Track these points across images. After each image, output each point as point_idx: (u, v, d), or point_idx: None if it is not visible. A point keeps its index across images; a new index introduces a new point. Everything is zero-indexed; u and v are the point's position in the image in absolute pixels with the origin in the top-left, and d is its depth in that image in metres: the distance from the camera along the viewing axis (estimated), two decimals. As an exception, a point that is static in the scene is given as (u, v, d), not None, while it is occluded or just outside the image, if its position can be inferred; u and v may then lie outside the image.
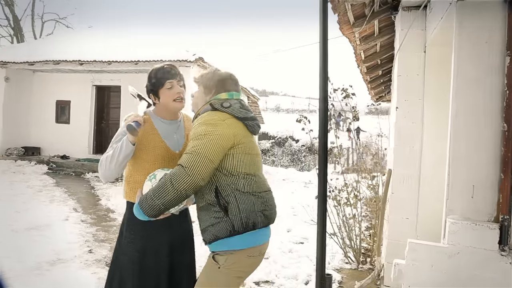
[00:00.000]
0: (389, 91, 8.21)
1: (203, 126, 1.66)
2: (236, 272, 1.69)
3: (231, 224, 1.63)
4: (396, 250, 2.93)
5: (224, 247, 1.66)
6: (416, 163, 2.87)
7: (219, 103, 1.77)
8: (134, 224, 1.86)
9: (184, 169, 1.55)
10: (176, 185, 1.54)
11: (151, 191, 1.59)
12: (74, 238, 4.45)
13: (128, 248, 1.88)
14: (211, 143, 1.61)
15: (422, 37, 2.83)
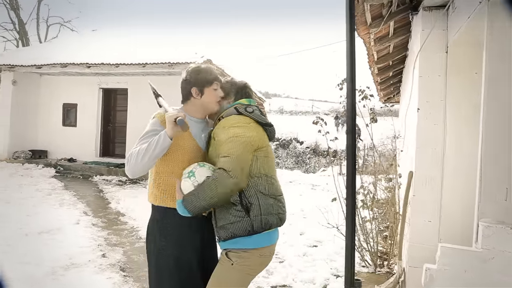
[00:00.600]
0: (398, 92, 8.17)
1: (233, 128, 1.75)
2: (248, 269, 1.75)
3: (250, 224, 1.70)
4: (418, 253, 2.88)
5: (238, 245, 1.73)
6: (438, 165, 2.82)
7: (243, 107, 1.87)
8: (167, 230, 1.84)
9: (228, 173, 1.62)
10: (221, 189, 1.62)
11: (196, 192, 1.64)
12: (86, 242, 4.41)
13: (161, 256, 1.84)
14: (245, 145, 1.71)
15: (444, 37, 2.79)
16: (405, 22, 3.92)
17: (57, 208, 6.02)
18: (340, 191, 3.75)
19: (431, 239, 2.83)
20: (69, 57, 9.64)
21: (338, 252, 4.22)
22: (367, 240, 3.79)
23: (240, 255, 1.73)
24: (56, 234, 4.65)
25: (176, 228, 1.84)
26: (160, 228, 1.85)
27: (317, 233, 4.90)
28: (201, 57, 8.14)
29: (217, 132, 1.82)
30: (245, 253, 1.73)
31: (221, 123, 1.84)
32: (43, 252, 3.96)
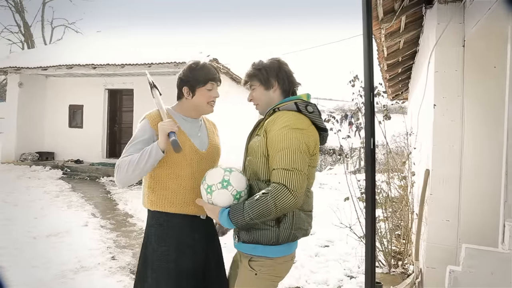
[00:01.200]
0: (407, 89, 8.07)
1: (292, 131, 1.52)
2: (273, 278, 1.65)
3: (277, 235, 1.57)
4: (436, 254, 2.80)
5: (259, 252, 1.61)
6: (456, 163, 2.73)
7: (304, 105, 1.63)
8: (167, 235, 1.77)
9: (289, 190, 1.45)
10: (280, 207, 1.45)
11: (248, 209, 1.47)
12: (95, 245, 4.37)
13: (161, 262, 1.76)
14: (304, 156, 1.51)
15: (461, 31, 2.70)
16: (416, 17, 3.84)
17: (65, 210, 5.99)
18: (352, 190, 3.67)
19: (450, 239, 2.75)
20: (74, 58, 9.63)
21: (350, 252, 4.14)
22: (381, 240, 3.70)
23: (263, 263, 1.61)
24: (64, 236, 4.62)
25: (177, 232, 1.78)
26: (159, 233, 1.78)
27: (328, 233, 4.83)
28: (206, 56, 8.08)
29: (271, 127, 1.57)
30: (268, 261, 1.61)
31: (279, 118, 1.57)
32: (52, 255, 3.92)
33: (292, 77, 1.75)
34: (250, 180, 1.64)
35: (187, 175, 1.77)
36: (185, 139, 1.79)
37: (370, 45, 1.89)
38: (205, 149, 1.86)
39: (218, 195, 1.55)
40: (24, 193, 7.02)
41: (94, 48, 10.33)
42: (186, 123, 1.83)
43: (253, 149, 1.63)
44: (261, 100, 1.74)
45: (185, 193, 1.77)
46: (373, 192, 1.91)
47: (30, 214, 5.56)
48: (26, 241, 4.35)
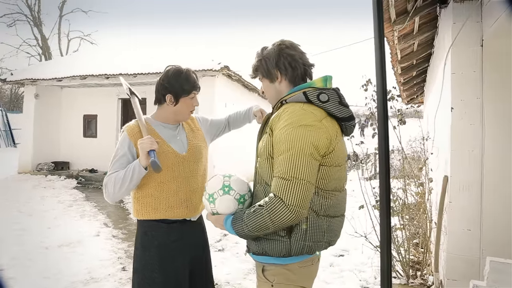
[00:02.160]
0: (422, 92, 7.87)
1: (295, 129, 1.30)
2: (291, 287, 1.42)
3: (288, 248, 1.36)
4: (457, 265, 2.65)
5: (271, 260, 1.42)
6: (477, 168, 2.59)
7: (315, 94, 1.38)
8: (153, 243, 1.77)
9: (283, 201, 1.26)
10: (276, 221, 1.28)
11: (246, 220, 1.33)
12: (106, 255, 4.34)
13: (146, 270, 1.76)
14: (308, 160, 1.28)
15: (478, 30, 2.57)
16: (430, 18, 3.71)
17: (77, 220, 6.01)
18: (367, 198, 3.54)
19: (472, 250, 2.60)
20: (88, 69, 9.77)
21: (366, 262, 3.99)
22: (398, 249, 3.55)
23: (277, 271, 1.41)
24: (76, 247, 4.60)
25: (161, 241, 1.77)
26: (144, 242, 1.79)
27: (343, 242, 4.67)
28: (218, 63, 8.07)
29: (275, 124, 1.38)
30: (281, 269, 1.40)
31: (283, 114, 1.37)
32: (63, 266, 3.90)
33: (296, 62, 1.48)
34: (259, 184, 1.46)
35: (169, 179, 1.78)
36: (164, 145, 1.79)
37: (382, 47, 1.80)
38: (185, 151, 1.86)
39: (221, 202, 1.43)
40: (39, 203, 7.09)
41: (108, 58, 10.47)
42: (164, 129, 1.86)
43: (260, 150, 1.45)
44: (269, 93, 1.55)
45: (168, 197, 1.77)
46: (388, 199, 1.80)
47: (43, 224, 5.59)
48: (39, 251, 4.35)
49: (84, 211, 6.67)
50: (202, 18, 30.61)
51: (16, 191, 8.10)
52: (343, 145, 1.49)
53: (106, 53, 11.33)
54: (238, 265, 4.03)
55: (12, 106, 25.13)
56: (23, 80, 10.40)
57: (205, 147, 1.98)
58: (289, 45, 1.51)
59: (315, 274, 1.53)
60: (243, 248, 1.59)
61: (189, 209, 1.82)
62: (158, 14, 47.52)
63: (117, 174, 1.69)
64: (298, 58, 1.49)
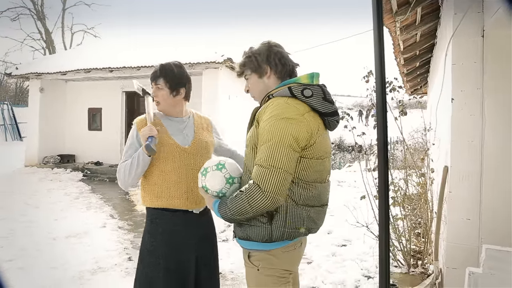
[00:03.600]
0: (426, 83, 7.85)
1: (278, 122, 1.39)
2: (276, 271, 1.52)
3: (270, 233, 1.45)
4: (456, 254, 2.69)
5: (255, 246, 1.51)
6: (476, 159, 2.61)
7: (300, 89, 1.47)
8: (157, 230, 1.85)
9: (260, 188, 1.35)
10: (254, 206, 1.37)
11: (230, 205, 1.42)
12: (112, 246, 4.43)
13: (151, 256, 1.84)
14: (287, 150, 1.37)
15: (479, 20, 2.57)
16: (433, 8, 3.71)
17: (84, 212, 6.10)
18: (369, 188, 3.58)
19: (471, 239, 2.63)
20: (92, 62, 9.81)
21: (368, 252, 4.05)
22: (399, 238, 3.60)
23: (261, 257, 1.51)
24: (83, 237, 4.69)
25: (166, 228, 1.85)
26: (150, 229, 1.88)
27: (345, 232, 4.74)
28: (221, 56, 8.08)
29: (261, 117, 1.47)
30: (266, 254, 1.50)
31: (268, 107, 1.46)
32: (70, 256, 3.99)
33: (285, 59, 1.60)
34: (245, 173, 1.56)
35: (170, 170, 1.86)
36: (166, 137, 1.89)
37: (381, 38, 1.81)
38: (189, 144, 1.93)
39: (211, 176, 1.54)
40: (46, 195, 7.20)
41: (111, 51, 10.50)
42: (171, 122, 1.96)
43: (247, 141, 1.56)
44: (257, 89, 1.63)
45: (169, 187, 1.85)
46: (386, 189, 1.83)
47: (50, 216, 5.69)
48: (46, 242, 4.45)
49: (90, 203, 6.77)
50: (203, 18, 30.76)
51: (23, 183, 8.22)
52: (326, 139, 1.56)
53: (109, 47, 11.35)
54: (242, 255, 4.10)
55: (17, 100, 25.30)
56: (28, 74, 10.47)
57: (212, 144, 2.05)
58: (277, 44, 1.62)
59: (298, 258, 1.64)
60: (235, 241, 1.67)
61: (189, 200, 1.87)
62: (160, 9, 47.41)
63: (127, 162, 1.83)
64: (286, 56, 1.60)
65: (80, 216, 5.76)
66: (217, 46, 9.30)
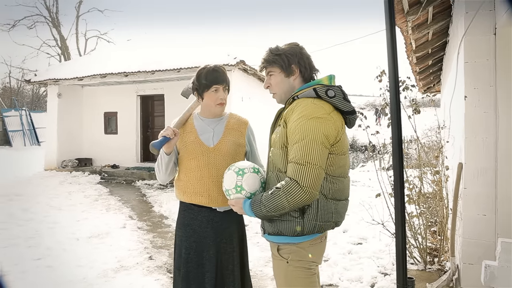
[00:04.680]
0: (439, 81, 7.81)
1: (309, 121, 1.47)
2: (305, 263, 1.60)
3: (302, 227, 1.53)
4: (473, 249, 2.72)
5: (285, 240, 1.59)
6: (491, 155, 2.65)
7: (324, 90, 1.56)
8: (184, 222, 2.00)
9: (298, 184, 1.43)
10: (292, 201, 1.45)
11: (264, 202, 1.50)
12: (133, 245, 4.56)
13: (178, 248, 2.00)
14: (320, 148, 1.46)
15: (491, 18, 2.61)
16: (444, 7, 3.74)
17: (104, 213, 6.27)
18: (384, 186, 3.63)
19: (487, 234, 2.67)
20: (107, 67, 10.03)
21: (384, 249, 4.09)
22: (415, 236, 3.63)
23: (291, 249, 1.58)
24: (104, 238, 4.84)
25: (191, 221, 1.97)
26: (179, 220, 2.03)
27: (361, 230, 4.78)
28: (234, 58, 8.19)
29: (289, 117, 1.54)
30: (295, 247, 1.58)
31: (297, 108, 1.53)
32: (94, 255, 4.13)
33: (311, 64, 1.69)
34: (272, 171, 1.63)
35: (194, 168, 1.96)
36: (194, 136, 1.99)
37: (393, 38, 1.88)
38: (214, 144, 1.98)
39: (249, 178, 1.61)
40: (67, 198, 7.41)
41: (125, 56, 10.72)
42: (201, 122, 2.03)
43: (274, 141, 1.63)
44: (280, 88, 1.68)
45: (194, 184, 1.96)
46: (402, 185, 1.91)
47: (72, 217, 5.87)
48: (70, 242, 4.60)
49: (109, 204, 6.95)
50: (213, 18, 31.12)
51: (45, 187, 8.46)
52: (347, 136, 1.67)
53: (123, 51, 11.58)
54: (259, 254, 4.18)
55: (34, 106, 25.91)
56: (46, 80, 10.75)
57: (241, 145, 2.05)
58: (304, 48, 1.70)
59: (323, 251, 1.73)
60: (263, 238, 1.75)
61: (211, 198, 1.93)
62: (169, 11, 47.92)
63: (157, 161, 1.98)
64: (312, 61, 1.70)
65: (101, 218, 5.93)
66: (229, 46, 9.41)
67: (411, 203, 3.69)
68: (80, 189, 8.42)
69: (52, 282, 3.43)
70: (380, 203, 3.84)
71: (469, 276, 2.75)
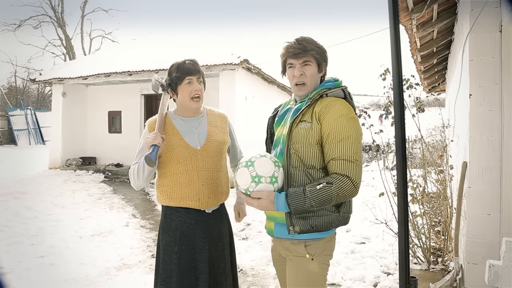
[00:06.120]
0: (444, 80, 7.75)
1: (349, 121, 1.53)
2: (326, 257, 1.64)
3: (337, 220, 1.57)
4: (477, 249, 2.70)
5: (315, 236, 1.58)
6: (496, 154, 2.62)
7: (348, 92, 1.65)
8: (170, 227, 1.87)
9: (352, 182, 1.48)
10: (342, 196, 1.48)
11: (310, 196, 1.45)
12: (136, 244, 4.57)
13: (165, 252, 1.87)
14: (360, 145, 1.54)
15: (497, 16, 2.58)
16: (450, 5, 3.70)
17: (107, 212, 6.29)
18: (387, 185, 3.60)
19: (492, 234, 2.64)
20: (112, 66, 10.06)
21: (387, 249, 4.06)
22: (419, 235, 3.61)
23: (318, 245, 1.59)
24: (107, 236, 4.86)
25: (179, 225, 1.86)
26: (164, 225, 1.90)
27: (364, 230, 4.76)
28: (237, 57, 8.18)
29: (324, 116, 1.54)
30: (320, 242, 1.59)
31: (332, 107, 1.55)
32: (97, 253, 4.14)
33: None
34: (294, 168, 1.57)
35: (182, 172, 1.85)
36: (178, 138, 1.87)
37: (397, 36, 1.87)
38: (200, 145, 1.89)
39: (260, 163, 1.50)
40: (70, 196, 7.44)
41: (129, 55, 10.74)
42: (182, 122, 1.92)
43: (301, 136, 1.56)
44: (313, 80, 1.64)
45: (181, 188, 1.85)
46: (405, 184, 1.89)
47: (76, 215, 5.90)
48: (73, 240, 4.62)
49: (113, 203, 6.97)
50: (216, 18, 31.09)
51: (49, 185, 8.50)
52: None
53: (127, 51, 11.61)
54: (262, 253, 4.17)
55: (39, 105, 26.06)
56: (51, 79, 10.81)
57: (226, 143, 1.99)
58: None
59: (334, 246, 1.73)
60: (266, 236, 1.72)
61: (201, 201, 1.86)
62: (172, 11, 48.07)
63: (135, 165, 1.85)
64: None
65: (104, 216, 5.95)
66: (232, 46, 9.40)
67: (415, 202, 3.67)
68: (84, 187, 8.46)
69: (55, 279, 3.44)
70: (384, 202, 3.82)
71: (473, 276, 2.72)
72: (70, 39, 26.23)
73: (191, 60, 1.92)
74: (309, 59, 1.61)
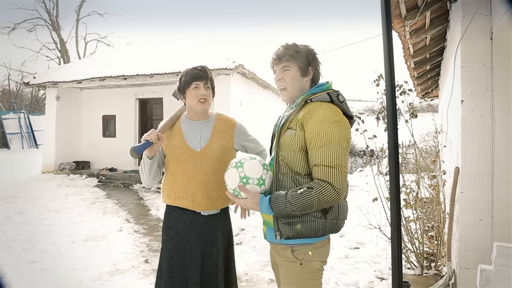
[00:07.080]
0: (437, 86, 7.83)
1: (331, 125, 1.50)
2: (317, 263, 1.60)
3: (323, 227, 1.53)
4: (469, 254, 2.72)
5: (301, 241, 1.57)
6: (488, 159, 2.65)
7: (336, 94, 1.58)
8: (168, 225, 1.98)
9: (332, 186, 1.44)
10: (323, 202, 1.45)
11: (291, 200, 1.46)
12: (129, 249, 4.54)
13: (163, 250, 1.97)
14: (344, 151, 1.50)
15: (488, 23, 2.63)
16: (442, 12, 3.76)
17: (100, 216, 6.25)
18: (381, 191, 3.62)
19: (483, 239, 2.66)
20: (106, 70, 10.03)
21: (381, 254, 4.07)
22: (412, 240, 3.63)
23: (306, 250, 1.57)
24: (101, 241, 4.82)
25: (175, 224, 1.96)
26: (163, 224, 2.01)
27: (358, 235, 4.77)
28: (232, 62, 8.20)
29: (307, 121, 1.53)
30: (309, 247, 1.57)
31: (315, 112, 1.53)
32: (90, 258, 4.11)
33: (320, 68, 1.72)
34: (283, 174, 1.58)
35: (179, 172, 1.94)
36: (180, 140, 1.96)
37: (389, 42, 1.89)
38: (200, 148, 1.95)
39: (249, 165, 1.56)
40: (64, 201, 7.38)
41: (124, 60, 10.73)
42: (188, 125, 2.01)
43: (287, 144, 1.58)
44: (293, 85, 1.65)
45: (178, 187, 1.94)
46: (397, 189, 1.90)
47: (69, 220, 5.84)
48: (66, 245, 4.58)
49: (106, 208, 6.92)
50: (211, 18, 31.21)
51: (42, 189, 8.43)
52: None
53: (122, 55, 11.60)
54: (256, 258, 4.16)
55: (33, 109, 25.88)
56: (45, 83, 10.75)
57: (229, 149, 2.02)
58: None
59: (329, 252, 1.71)
60: (260, 242, 1.73)
61: (195, 202, 1.90)
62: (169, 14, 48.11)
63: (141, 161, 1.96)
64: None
65: (97, 221, 5.90)
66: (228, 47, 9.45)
67: (408, 207, 3.69)
68: (77, 192, 8.39)
69: (47, 285, 3.40)
70: (377, 207, 3.84)
71: (465, 281, 2.74)
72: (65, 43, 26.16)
73: (201, 67, 2.01)
74: (287, 64, 1.64)
